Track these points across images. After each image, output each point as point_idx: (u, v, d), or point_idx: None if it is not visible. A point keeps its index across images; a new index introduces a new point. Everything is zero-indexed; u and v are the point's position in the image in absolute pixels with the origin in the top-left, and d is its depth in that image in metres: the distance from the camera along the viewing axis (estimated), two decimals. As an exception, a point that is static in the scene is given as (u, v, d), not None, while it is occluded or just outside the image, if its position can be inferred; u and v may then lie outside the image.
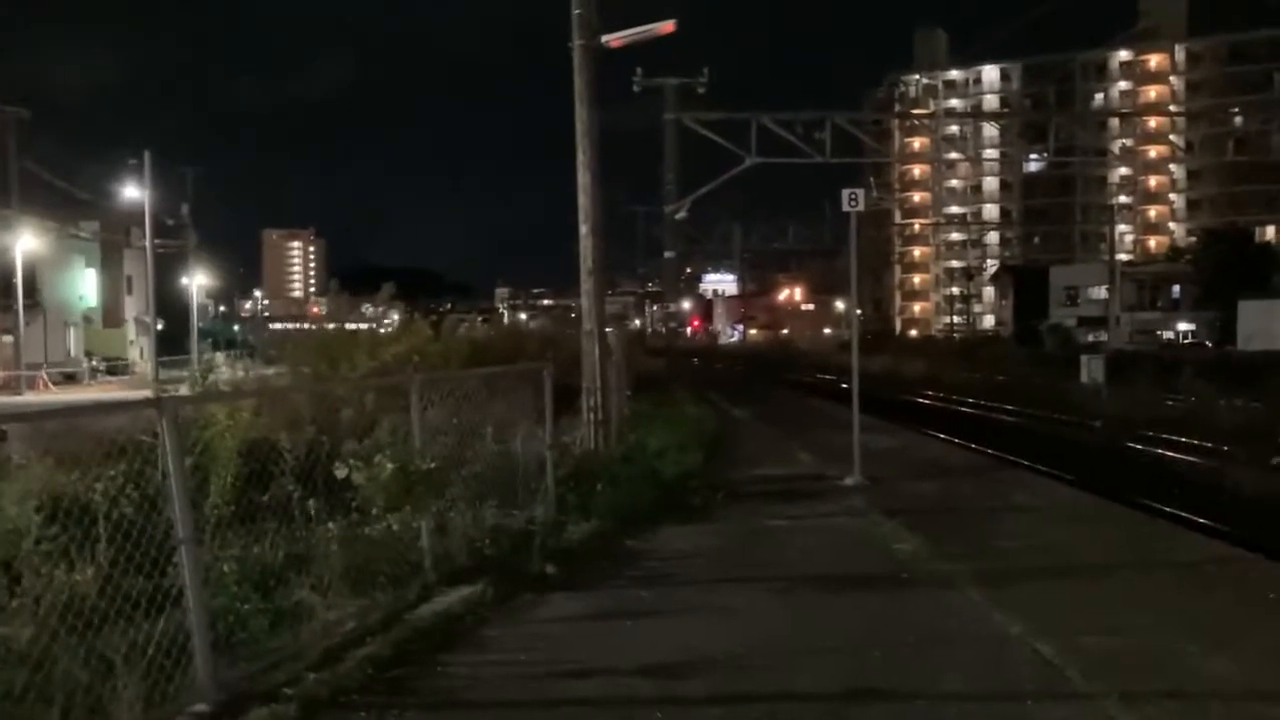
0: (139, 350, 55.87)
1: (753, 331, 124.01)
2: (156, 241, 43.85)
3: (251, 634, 5.38)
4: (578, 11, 12.81)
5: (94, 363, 50.01)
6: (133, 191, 45.91)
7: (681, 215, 36.53)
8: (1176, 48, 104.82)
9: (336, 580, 6.04)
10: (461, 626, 6.17)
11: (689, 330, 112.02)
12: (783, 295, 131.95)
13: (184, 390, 9.87)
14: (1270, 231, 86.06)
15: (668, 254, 37.96)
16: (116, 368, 51.09)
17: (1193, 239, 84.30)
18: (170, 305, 50.88)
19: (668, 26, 13.33)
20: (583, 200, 13.01)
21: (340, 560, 6.14)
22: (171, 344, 48.19)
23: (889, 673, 5.40)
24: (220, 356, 42.15)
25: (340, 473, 6.36)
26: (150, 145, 44.12)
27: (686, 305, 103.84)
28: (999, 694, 5.11)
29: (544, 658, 5.70)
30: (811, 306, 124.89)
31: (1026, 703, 4.93)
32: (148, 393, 6.94)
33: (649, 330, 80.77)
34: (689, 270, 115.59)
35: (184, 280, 55.35)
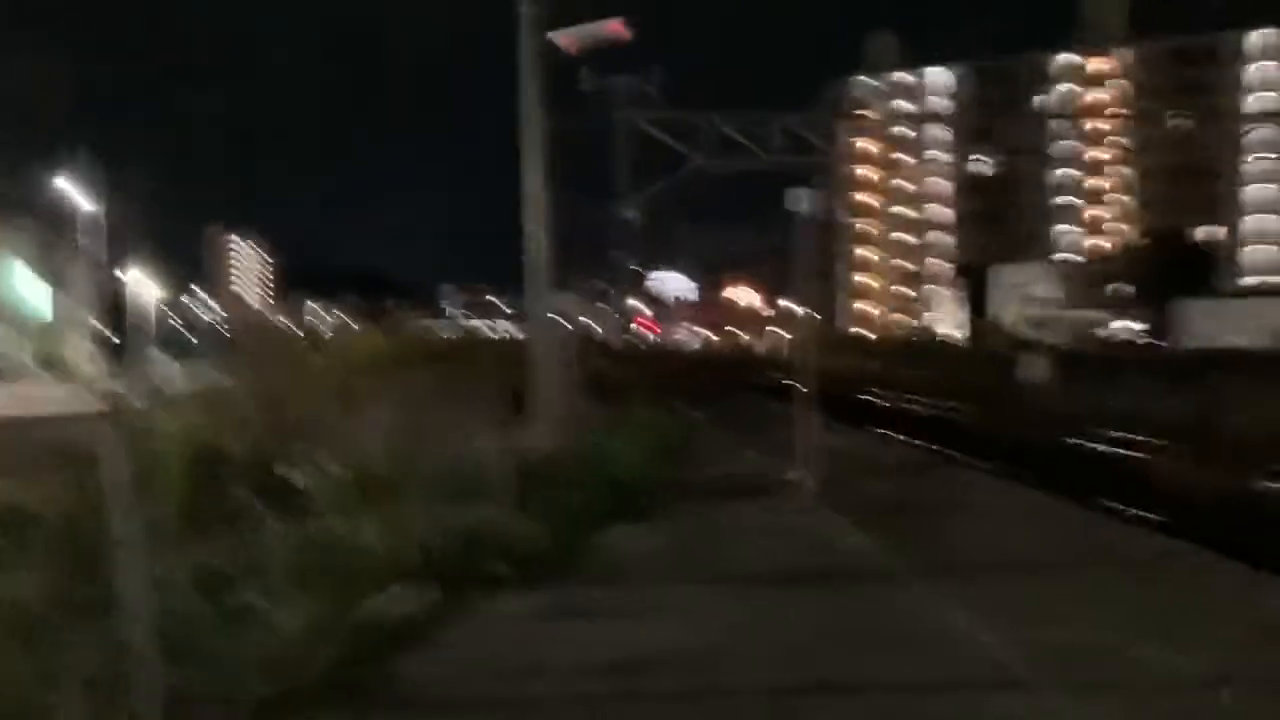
0: (78, 351, 54.70)
1: (706, 332, 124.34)
2: (97, 241, 42.95)
3: (199, 639, 5.30)
4: (525, 10, 12.75)
5: (31, 363, 48.82)
6: (73, 190, 44.94)
7: (633, 215, 36.66)
8: (1118, 51, 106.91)
9: (287, 582, 5.98)
10: (415, 627, 6.13)
11: (644, 331, 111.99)
12: (738, 299, 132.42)
13: (122, 390, 9.71)
14: (1201, 232, 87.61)
15: (618, 254, 38.08)
16: (53, 368, 49.91)
17: (1143, 239, 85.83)
18: (113, 308, 49.87)
19: (617, 25, 13.33)
20: (530, 203, 12.96)
21: (291, 562, 6.07)
22: (114, 346, 47.19)
23: (841, 665, 5.47)
24: (166, 357, 41.38)
25: (295, 479, 6.31)
26: (94, 145, 43.28)
27: (641, 306, 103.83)
28: (947, 684, 5.20)
29: (498, 656, 5.69)
30: (765, 308, 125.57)
31: (974, 692, 5.03)
32: (88, 394, 6.82)
33: (602, 331, 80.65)
34: (641, 270, 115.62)
35: (126, 281, 54.30)
